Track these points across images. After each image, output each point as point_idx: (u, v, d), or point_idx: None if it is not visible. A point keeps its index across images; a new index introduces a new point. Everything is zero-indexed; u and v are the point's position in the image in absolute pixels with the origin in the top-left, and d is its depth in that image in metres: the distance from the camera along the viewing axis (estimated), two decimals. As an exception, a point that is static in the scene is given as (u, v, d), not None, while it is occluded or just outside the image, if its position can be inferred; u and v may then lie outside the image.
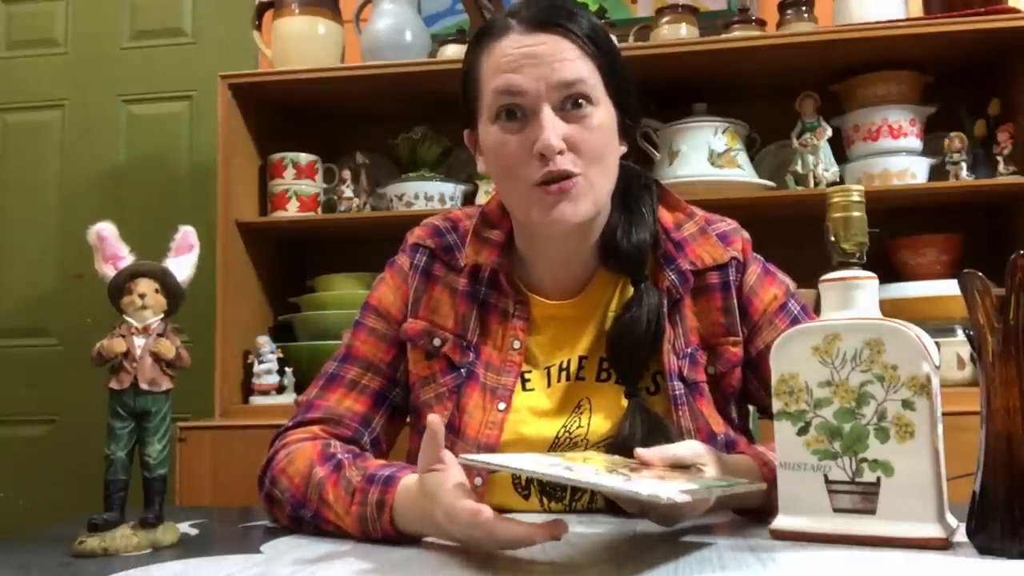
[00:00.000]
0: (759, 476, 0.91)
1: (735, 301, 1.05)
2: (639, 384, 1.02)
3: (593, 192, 0.98)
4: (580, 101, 0.97)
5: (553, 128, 0.95)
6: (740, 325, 1.05)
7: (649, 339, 1.01)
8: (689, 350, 1.03)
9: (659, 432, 0.96)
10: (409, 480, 0.87)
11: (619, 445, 0.97)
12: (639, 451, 0.83)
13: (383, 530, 0.86)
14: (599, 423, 1.01)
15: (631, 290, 1.04)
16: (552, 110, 0.96)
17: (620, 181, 1.05)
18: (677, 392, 1.00)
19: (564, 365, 1.05)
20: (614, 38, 1.08)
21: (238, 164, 2.07)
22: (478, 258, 1.07)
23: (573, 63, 0.96)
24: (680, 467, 0.84)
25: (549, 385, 1.04)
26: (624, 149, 1.05)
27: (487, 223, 1.10)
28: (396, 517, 0.86)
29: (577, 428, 1.01)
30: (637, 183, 1.10)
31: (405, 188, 2.09)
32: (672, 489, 0.68)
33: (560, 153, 0.95)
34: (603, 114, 0.98)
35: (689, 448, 0.86)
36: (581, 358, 1.05)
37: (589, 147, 0.97)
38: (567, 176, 0.96)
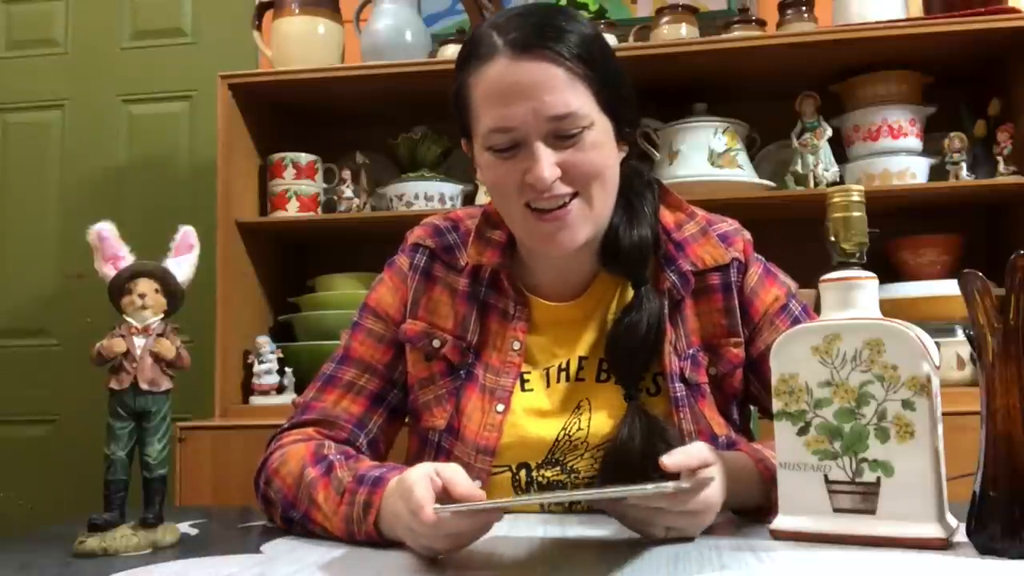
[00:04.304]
0: (755, 474, 0.91)
1: (736, 302, 1.04)
2: (639, 385, 1.01)
3: (593, 212, 0.98)
4: (571, 129, 0.94)
5: (546, 160, 0.93)
6: (741, 326, 1.05)
7: (649, 343, 1.00)
8: (690, 351, 1.03)
9: (658, 435, 0.96)
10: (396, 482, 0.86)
11: (618, 448, 0.96)
12: (663, 460, 0.80)
13: (367, 532, 0.86)
14: (599, 424, 1.00)
15: (632, 291, 1.03)
16: (543, 141, 0.94)
17: (622, 179, 1.03)
18: (678, 394, 1.00)
19: (563, 366, 1.04)
20: (613, 38, 1.07)
21: (238, 164, 2.07)
22: (481, 259, 1.06)
23: (562, 94, 0.93)
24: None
25: (548, 386, 1.04)
26: (624, 153, 1.04)
27: (490, 223, 1.09)
28: (380, 520, 0.85)
29: (577, 430, 1.01)
30: (639, 181, 1.09)
31: (405, 188, 2.09)
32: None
33: (555, 181, 0.94)
34: (597, 132, 0.96)
35: (702, 449, 0.84)
36: (581, 358, 1.04)
37: (585, 168, 0.95)
38: (562, 204, 0.95)
